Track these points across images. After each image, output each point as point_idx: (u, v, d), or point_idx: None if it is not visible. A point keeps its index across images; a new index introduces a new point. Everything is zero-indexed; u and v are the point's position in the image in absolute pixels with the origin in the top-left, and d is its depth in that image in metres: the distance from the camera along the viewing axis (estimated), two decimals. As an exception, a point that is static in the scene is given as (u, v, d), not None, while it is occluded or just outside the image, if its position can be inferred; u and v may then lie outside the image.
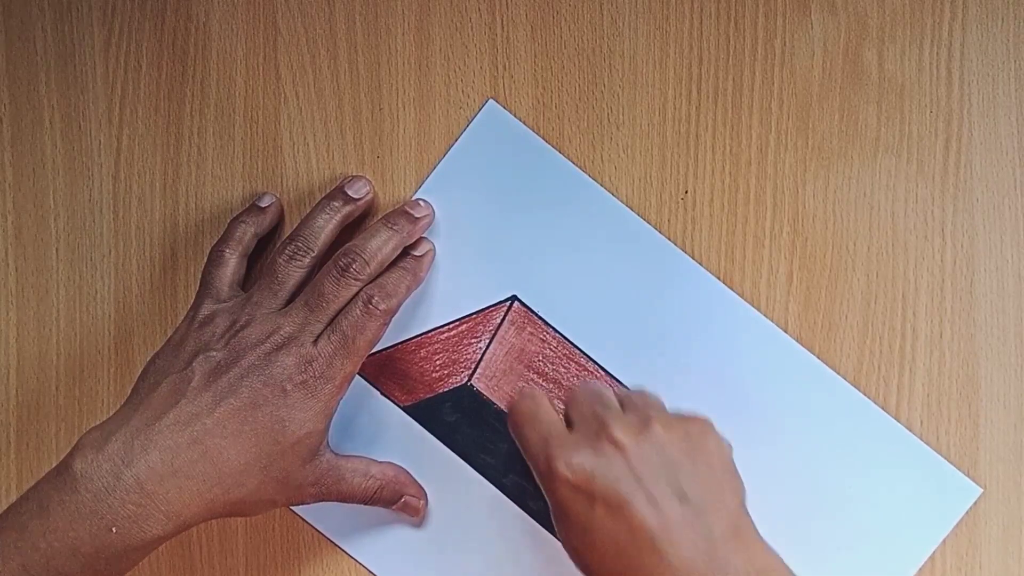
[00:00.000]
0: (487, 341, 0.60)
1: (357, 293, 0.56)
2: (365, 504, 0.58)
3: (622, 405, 0.54)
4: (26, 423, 0.63)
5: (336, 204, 0.59)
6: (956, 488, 0.59)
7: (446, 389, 0.61)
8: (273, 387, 0.54)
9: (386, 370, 0.61)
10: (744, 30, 0.60)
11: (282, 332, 0.55)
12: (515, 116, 0.61)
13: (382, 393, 0.61)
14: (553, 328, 0.60)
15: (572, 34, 0.61)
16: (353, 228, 0.61)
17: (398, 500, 0.59)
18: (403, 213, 0.59)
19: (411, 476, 0.60)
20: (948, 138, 0.60)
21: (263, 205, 0.60)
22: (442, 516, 0.61)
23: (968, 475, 0.59)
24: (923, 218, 0.60)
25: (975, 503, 0.59)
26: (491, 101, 0.61)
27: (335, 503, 0.58)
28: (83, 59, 0.62)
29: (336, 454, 0.58)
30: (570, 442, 0.51)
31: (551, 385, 0.60)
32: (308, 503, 0.57)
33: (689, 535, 0.49)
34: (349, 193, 0.59)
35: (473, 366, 0.61)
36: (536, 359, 0.60)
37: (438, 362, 0.61)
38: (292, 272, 0.57)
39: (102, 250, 0.63)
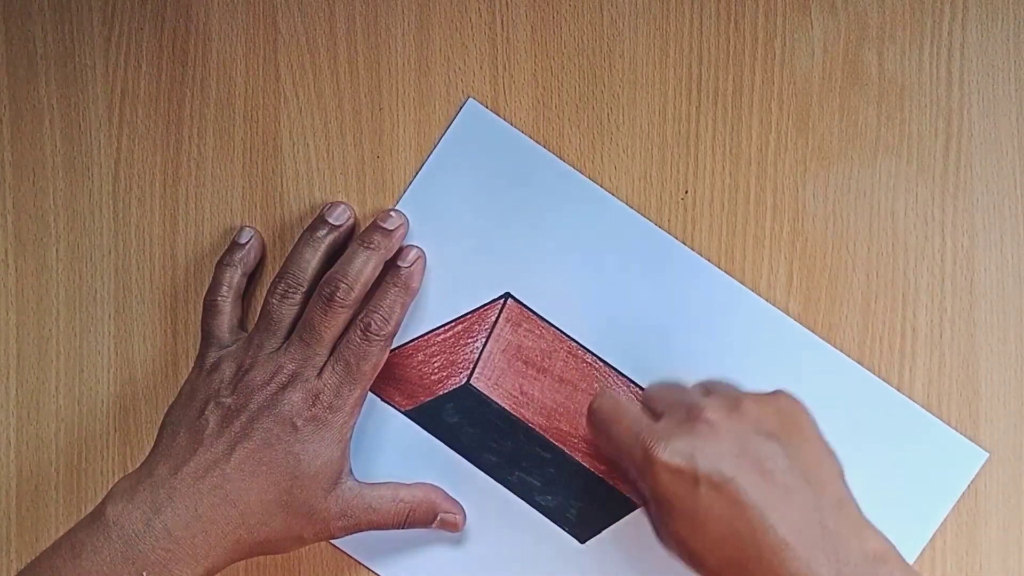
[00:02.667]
0: (483, 340, 0.61)
1: (353, 319, 0.57)
2: (400, 529, 0.58)
3: (703, 392, 0.54)
4: (26, 423, 0.63)
5: (319, 235, 0.59)
6: (962, 454, 0.59)
7: (446, 391, 0.61)
8: (284, 425, 0.55)
9: (385, 376, 0.60)
10: (744, 30, 0.60)
11: (285, 371, 0.56)
12: (495, 113, 0.61)
13: (383, 400, 0.61)
14: (549, 323, 0.60)
15: (572, 34, 0.61)
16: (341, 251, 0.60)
17: (433, 519, 0.59)
18: (376, 229, 0.59)
19: (444, 493, 0.60)
20: (948, 138, 0.60)
21: (243, 241, 0.61)
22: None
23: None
24: (923, 218, 0.60)
25: (976, 501, 0.59)
26: (471, 100, 0.61)
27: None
28: (83, 59, 0.62)
29: (361, 483, 0.58)
30: (664, 429, 0.51)
31: (552, 381, 0.60)
32: (339, 536, 0.57)
33: (798, 507, 0.48)
34: (330, 221, 0.60)
35: (471, 366, 0.61)
36: (534, 355, 0.60)
37: (436, 364, 0.61)
38: (286, 310, 0.58)
39: (102, 250, 0.63)
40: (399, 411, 0.61)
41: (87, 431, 0.62)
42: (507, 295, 0.61)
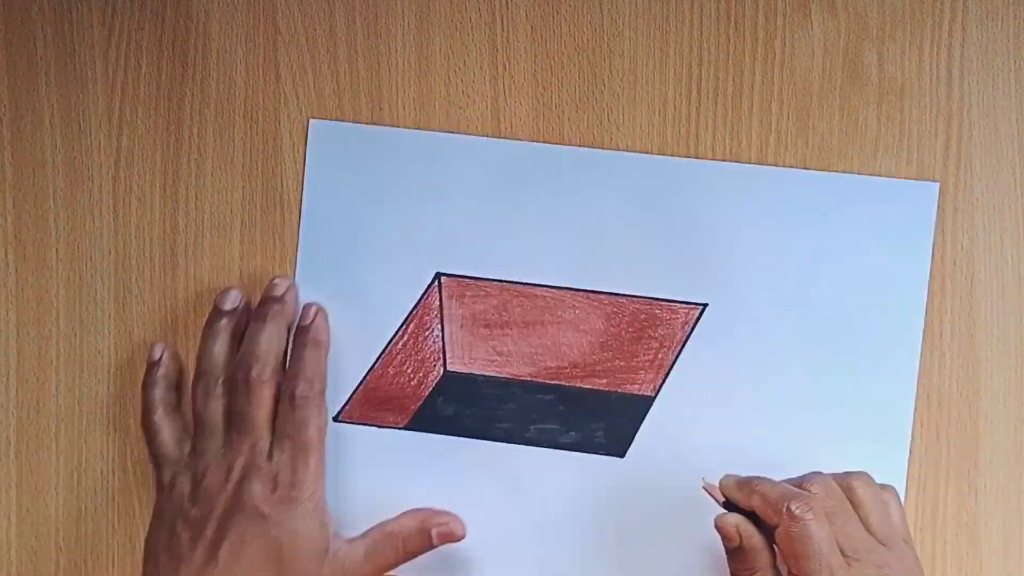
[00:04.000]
0: (439, 326, 0.61)
1: (278, 392, 0.58)
2: (406, 561, 0.58)
3: (862, 511, 0.53)
4: (26, 423, 0.63)
5: (220, 325, 0.60)
6: (915, 196, 0.59)
7: (430, 388, 0.61)
8: (252, 516, 0.55)
9: (369, 403, 0.61)
10: (744, 30, 0.60)
11: (236, 466, 0.57)
12: (341, 120, 0.61)
13: (379, 426, 0.61)
14: (488, 279, 0.61)
15: (572, 34, 0.61)
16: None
17: (429, 539, 0.59)
18: (267, 300, 0.60)
19: (430, 510, 0.60)
20: (948, 138, 0.60)
21: (156, 358, 0.61)
22: (489, 500, 0.60)
23: (967, 475, 0.59)
24: (923, 218, 0.60)
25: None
26: (311, 120, 0.61)
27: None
28: (83, 59, 0.62)
29: (347, 539, 0.58)
30: None
31: (519, 329, 0.60)
32: None
33: None
34: (225, 309, 0.60)
35: (441, 354, 0.61)
36: (490, 315, 0.61)
37: (409, 370, 0.61)
38: (214, 407, 0.58)
39: (102, 250, 0.63)
40: (399, 429, 0.61)
41: (87, 431, 0.62)
42: (437, 275, 0.61)
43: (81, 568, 0.62)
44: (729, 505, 0.54)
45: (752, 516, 0.53)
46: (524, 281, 0.61)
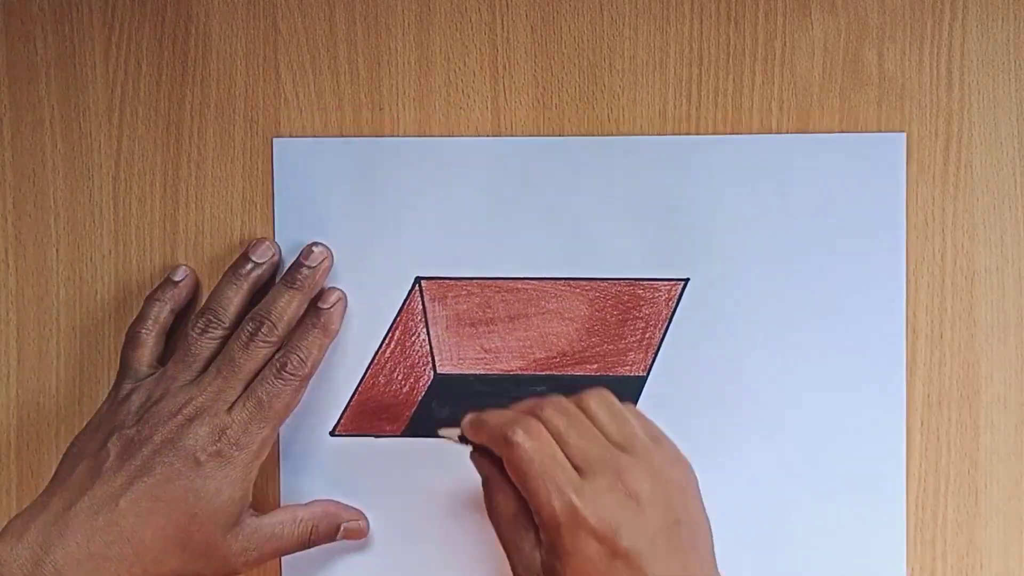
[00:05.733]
0: (424, 330, 0.61)
1: (271, 357, 0.57)
2: (306, 549, 0.59)
3: (596, 423, 0.53)
4: (26, 423, 0.63)
5: (243, 272, 0.59)
6: (880, 147, 0.59)
7: (423, 393, 0.61)
8: (186, 459, 0.55)
9: (364, 414, 0.61)
10: (744, 30, 0.60)
11: (195, 403, 0.56)
12: (303, 135, 0.61)
13: (376, 436, 0.61)
14: (467, 278, 0.61)
15: (572, 34, 0.61)
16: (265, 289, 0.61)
17: (336, 531, 0.59)
18: (299, 267, 0.59)
19: (341, 504, 0.60)
20: (948, 138, 0.60)
21: (177, 279, 0.61)
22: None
23: (967, 475, 0.59)
24: (923, 218, 0.60)
25: (979, 497, 0.59)
26: (274, 139, 0.61)
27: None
28: (83, 59, 0.62)
29: (258, 514, 0.58)
30: (592, 490, 0.50)
31: (504, 324, 0.60)
32: (243, 571, 0.57)
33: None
34: (253, 258, 0.60)
35: (430, 358, 0.61)
36: (474, 313, 0.61)
37: (399, 377, 0.61)
38: (205, 344, 0.58)
39: (102, 250, 0.63)
40: (396, 437, 0.61)
41: (87, 431, 0.62)
42: (417, 279, 0.61)
43: (81, 568, 0.62)
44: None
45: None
46: (505, 276, 0.61)
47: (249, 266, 0.60)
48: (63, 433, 0.62)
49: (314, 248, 0.60)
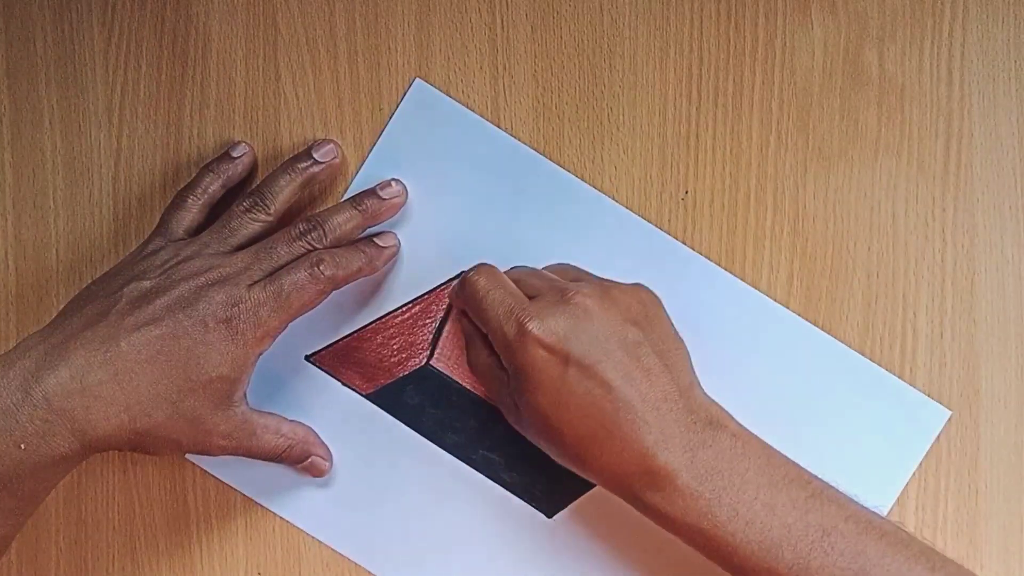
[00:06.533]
0: (441, 320, 0.61)
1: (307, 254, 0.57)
2: (273, 462, 0.58)
3: (570, 279, 0.56)
4: (26, 423, 0.63)
5: (300, 166, 0.59)
6: (925, 413, 0.59)
7: (406, 372, 0.61)
8: (195, 321, 0.54)
9: (344, 360, 0.61)
10: (744, 30, 0.60)
11: (219, 270, 0.55)
12: (444, 92, 0.61)
13: (343, 383, 0.61)
14: None
15: (572, 34, 0.61)
16: (317, 203, 0.61)
17: (306, 459, 0.59)
18: (371, 193, 0.59)
19: (318, 437, 0.60)
20: (948, 138, 0.60)
21: (235, 155, 0.60)
22: (414, 497, 0.60)
23: (967, 475, 0.59)
24: (923, 218, 0.60)
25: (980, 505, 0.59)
26: (417, 80, 0.61)
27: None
28: (83, 59, 0.62)
29: (252, 409, 0.57)
30: (539, 308, 0.53)
31: None
32: (215, 455, 0.56)
33: (657, 388, 0.52)
34: (315, 156, 0.59)
35: (430, 347, 0.61)
36: None
37: (395, 346, 0.61)
38: (246, 223, 0.58)
39: (102, 250, 0.63)
40: (360, 394, 0.61)
41: (87, 431, 0.62)
42: (462, 274, 0.60)
43: (80, 568, 0.62)
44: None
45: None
46: None
47: (308, 161, 0.59)
48: (63, 433, 0.62)
49: (392, 183, 0.60)
